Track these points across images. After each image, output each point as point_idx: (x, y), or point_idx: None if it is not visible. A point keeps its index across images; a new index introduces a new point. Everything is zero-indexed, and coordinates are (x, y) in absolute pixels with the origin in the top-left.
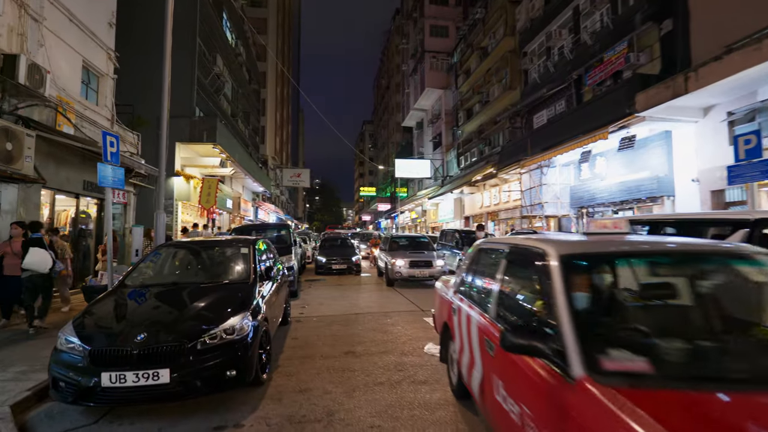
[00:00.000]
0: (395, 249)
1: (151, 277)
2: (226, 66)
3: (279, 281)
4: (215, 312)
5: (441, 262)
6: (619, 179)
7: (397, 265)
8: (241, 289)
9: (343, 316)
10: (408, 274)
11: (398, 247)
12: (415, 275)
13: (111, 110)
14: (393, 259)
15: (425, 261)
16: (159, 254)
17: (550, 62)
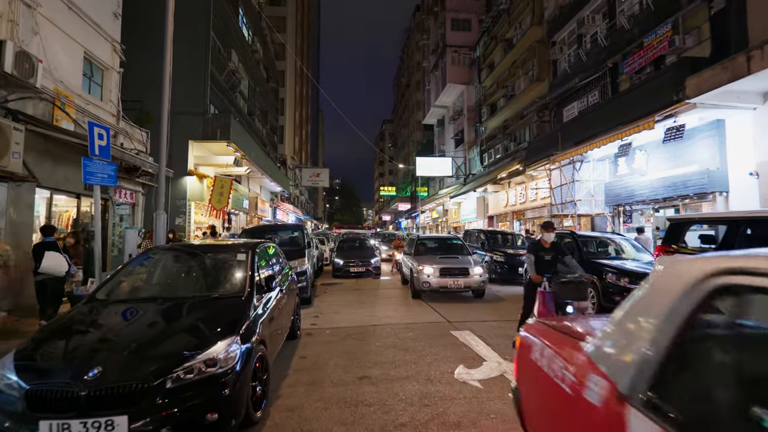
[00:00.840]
0: (422, 253)
1: (127, 290)
2: (242, 63)
3: (284, 291)
4: (196, 336)
5: (480, 269)
6: (661, 174)
7: (425, 273)
8: (233, 305)
9: (360, 328)
10: (438, 285)
11: (426, 251)
12: (447, 286)
13: (117, 106)
14: (419, 265)
15: (460, 268)
16: (141, 261)
17: (581, 51)
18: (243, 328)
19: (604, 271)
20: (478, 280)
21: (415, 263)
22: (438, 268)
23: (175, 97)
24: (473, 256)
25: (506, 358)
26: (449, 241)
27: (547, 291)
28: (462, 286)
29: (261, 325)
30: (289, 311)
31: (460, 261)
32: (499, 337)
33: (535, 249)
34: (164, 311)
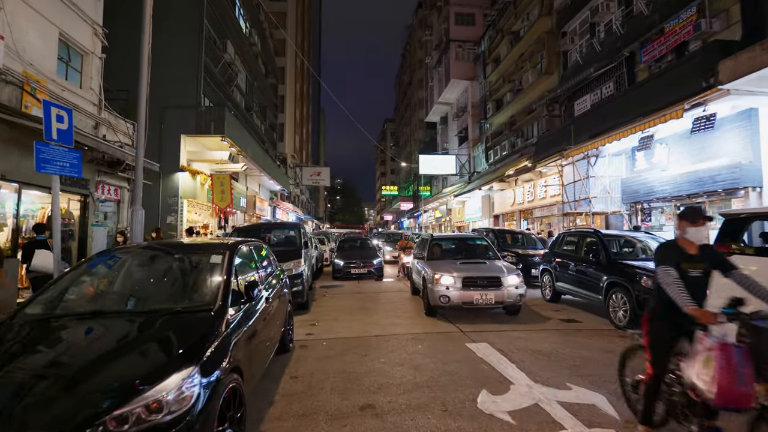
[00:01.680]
0: (438, 256)
1: (68, 301)
2: (239, 55)
3: (273, 299)
4: (139, 368)
5: (515, 278)
6: (685, 169)
7: (443, 284)
8: (199, 321)
9: (361, 339)
10: (461, 299)
11: (442, 254)
12: (472, 301)
13: (98, 94)
14: (435, 272)
15: (489, 278)
16: (92, 266)
17: (595, 40)
18: (208, 353)
19: (637, 275)
20: (513, 293)
21: (429, 270)
22: (460, 278)
23: (167, 89)
24: (503, 261)
25: (536, 379)
26: (471, 242)
27: (735, 345)
28: (492, 302)
29: (235, 347)
30: (280, 322)
31: (488, 267)
32: (523, 351)
33: (674, 256)
34: (106, 332)
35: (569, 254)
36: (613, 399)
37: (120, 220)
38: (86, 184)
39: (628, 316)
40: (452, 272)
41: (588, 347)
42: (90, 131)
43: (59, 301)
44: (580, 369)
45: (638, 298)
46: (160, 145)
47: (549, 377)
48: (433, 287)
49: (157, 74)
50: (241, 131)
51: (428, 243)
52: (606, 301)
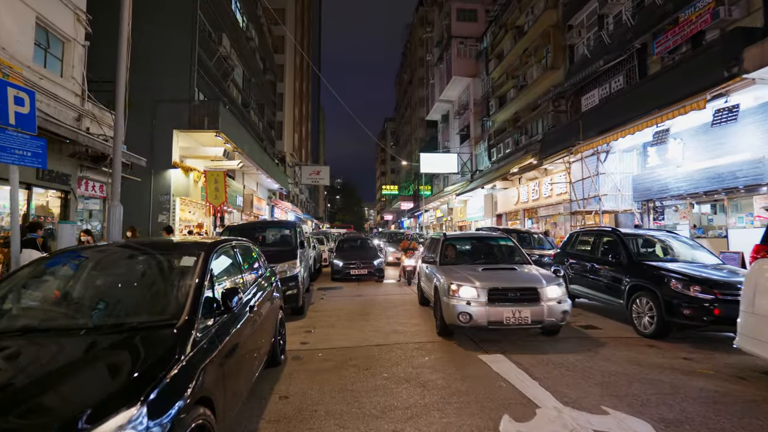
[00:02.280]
0: (453, 260)
1: None
2: (236, 49)
3: (260, 306)
4: (61, 412)
5: (557, 290)
6: (702, 165)
7: (462, 297)
8: (156, 341)
9: (362, 349)
10: (487, 318)
11: (458, 257)
12: (502, 320)
13: (81, 84)
14: (452, 281)
15: (523, 289)
16: (37, 269)
17: (604, 32)
18: (163, 385)
19: (665, 278)
20: (555, 309)
21: (443, 278)
22: (484, 289)
23: (158, 82)
24: (537, 267)
25: (565, 401)
26: (494, 243)
27: None
28: (527, 321)
29: (205, 372)
30: (269, 332)
31: (520, 275)
32: (546, 365)
33: None
34: (29, 357)
35: (584, 255)
36: (661, 427)
37: (106, 219)
38: (67, 179)
39: (655, 324)
40: (474, 282)
41: (615, 360)
42: (72, 123)
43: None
44: (613, 387)
45: (667, 303)
46: (152, 140)
47: (579, 398)
48: (449, 301)
49: (149, 66)
50: (237, 127)
51: (440, 244)
52: (628, 305)
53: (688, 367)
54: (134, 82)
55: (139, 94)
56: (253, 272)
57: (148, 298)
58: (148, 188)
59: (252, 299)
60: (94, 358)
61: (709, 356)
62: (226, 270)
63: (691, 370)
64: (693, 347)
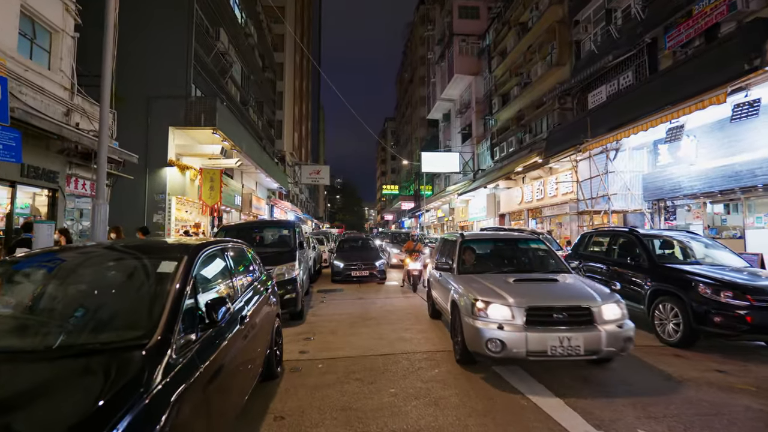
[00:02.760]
0: (473, 267)
1: None
2: (234, 45)
3: (251, 317)
4: None
5: (615, 309)
6: (718, 163)
7: (492, 317)
8: (120, 367)
9: (365, 360)
10: (527, 346)
11: (480, 263)
12: (548, 350)
13: (70, 78)
14: (477, 295)
15: (572, 308)
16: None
17: (612, 27)
18: (121, 430)
19: (692, 282)
20: (617, 336)
21: (463, 291)
22: (522, 308)
23: (153, 77)
24: (583, 277)
25: (595, 422)
26: (523, 245)
27: None
28: (580, 351)
29: (182, 402)
30: (263, 343)
31: (564, 289)
32: (562, 375)
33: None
34: None
35: (598, 256)
36: None
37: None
38: (55, 176)
39: (681, 331)
40: (506, 297)
41: (642, 372)
42: (60, 118)
43: None
44: (647, 407)
45: (695, 310)
46: (147, 137)
47: (611, 419)
48: (474, 323)
49: (143, 61)
50: (235, 125)
51: (457, 246)
52: (650, 311)
53: (725, 381)
54: (128, 78)
55: (133, 90)
56: (247, 277)
57: (117, 312)
58: (142, 187)
59: (244, 308)
60: (31, 397)
61: (744, 368)
62: (214, 276)
63: (729, 386)
64: (723, 357)
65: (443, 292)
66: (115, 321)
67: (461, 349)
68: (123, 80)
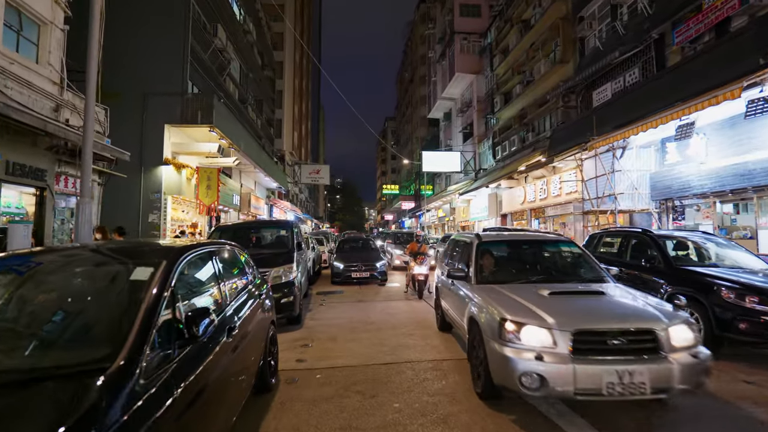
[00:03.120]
0: (495, 277)
1: None
2: (232, 42)
3: (242, 327)
4: None
5: (687, 331)
6: (729, 161)
7: (525, 342)
8: (71, 398)
9: (367, 369)
10: (576, 384)
11: (503, 270)
12: (602, 388)
13: (59, 72)
14: (504, 313)
15: (630, 332)
16: None
17: (618, 23)
18: None
19: (714, 285)
20: (691, 368)
21: (486, 306)
22: (567, 332)
23: (149, 74)
24: (632, 290)
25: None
26: (552, 248)
27: None
28: (646, 389)
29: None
30: (256, 353)
31: (616, 305)
32: None
33: None
34: None
35: (609, 258)
36: None
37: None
38: (43, 174)
39: (702, 339)
40: (544, 317)
41: None
42: (49, 114)
43: None
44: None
45: (718, 316)
46: (142, 135)
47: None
48: (502, 349)
49: (139, 57)
50: (232, 123)
51: (474, 250)
52: None
53: (759, 394)
54: (123, 74)
55: (128, 86)
56: (238, 283)
57: (78, 327)
58: (137, 186)
59: (234, 317)
60: None
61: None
62: (198, 283)
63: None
64: (749, 367)
65: (457, 303)
66: (74, 339)
67: (484, 382)
68: (117, 76)
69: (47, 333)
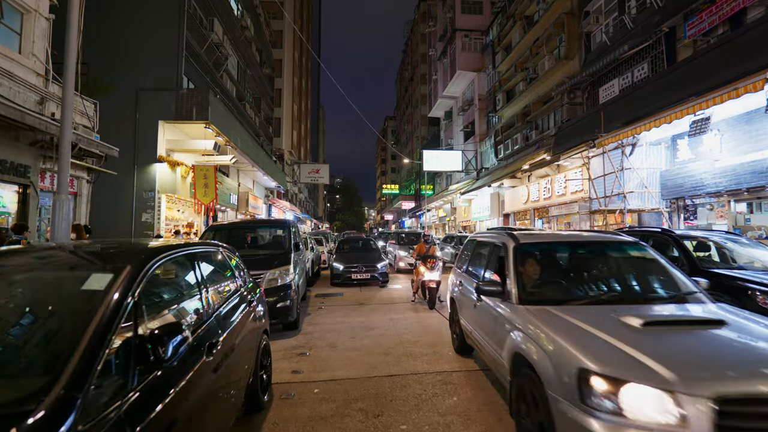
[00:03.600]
0: (545, 295)
1: None
2: (229, 37)
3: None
4: None
5: None
6: (747, 158)
7: (627, 410)
8: None
9: (369, 382)
10: None
11: (553, 286)
12: None
13: (45, 63)
14: (581, 355)
15: None
16: None
17: (626, 17)
18: None
19: (747, 290)
20: None
21: (540, 334)
22: (704, 398)
23: (142, 69)
24: (752, 314)
25: None
26: (616, 254)
27: None
28: None
29: None
30: (244, 370)
31: (751, 344)
32: None
33: None
34: None
35: None
36: None
37: (77, 217)
38: (26, 171)
39: None
40: (653, 366)
41: None
42: (32, 107)
43: None
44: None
45: None
46: (135, 131)
47: None
48: (589, 422)
49: (131, 51)
50: (229, 120)
51: (511, 256)
52: None
53: None
54: (115, 69)
55: (120, 82)
56: (224, 290)
57: (7, 354)
58: (130, 184)
59: (217, 330)
60: None
61: None
62: (173, 292)
63: None
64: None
65: (488, 326)
66: (5, 369)
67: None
68: (110, 71)
69: None
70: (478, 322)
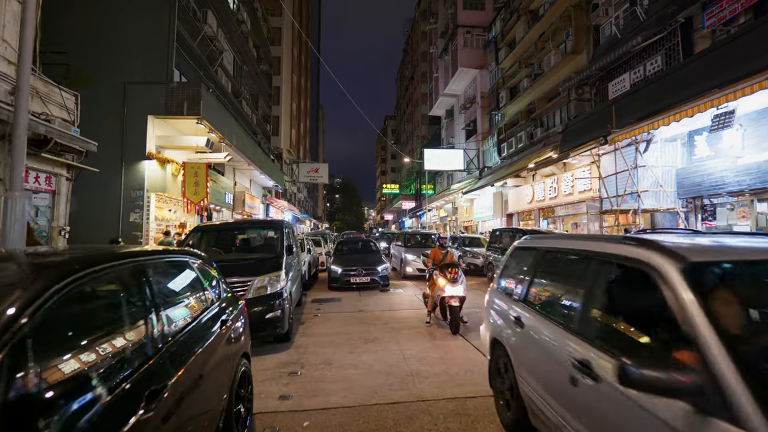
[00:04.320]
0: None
1: None
2: (224, 31)
3: (174, 388)
4: None
5: None
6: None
7: None
8: None
9: (369, 412)
10: None
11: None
12: None
13: (16, 50)
14: None
15: None
16: None
17: (638, 8)
18: None
19: None
20: None
21: None
22: None
23: (130, 61)
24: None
25: None
26: None
27: None
28: None
29: None
30: (211, 411)
31: None
32: None
33: None
34: None
35: None
36: None
37: (56, 217)
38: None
39: None
40: None
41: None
42: (3, 97)
43: None
44: None
45: None
46: (123, 127)
47: None
48: None
49: (118, 42)
50: (224, 116)
51: (697, 303)
52: None
53: None
54: (102, 60)
55: (107, 74)
56: (189, 309)
57: None
58: (118, 182)
59: (167, 370)
60: None
61: None
62: (101, 323)
63: None
64: None
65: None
66: None
67: None
68: (95, 62)
69: None
70: (582, 418)
